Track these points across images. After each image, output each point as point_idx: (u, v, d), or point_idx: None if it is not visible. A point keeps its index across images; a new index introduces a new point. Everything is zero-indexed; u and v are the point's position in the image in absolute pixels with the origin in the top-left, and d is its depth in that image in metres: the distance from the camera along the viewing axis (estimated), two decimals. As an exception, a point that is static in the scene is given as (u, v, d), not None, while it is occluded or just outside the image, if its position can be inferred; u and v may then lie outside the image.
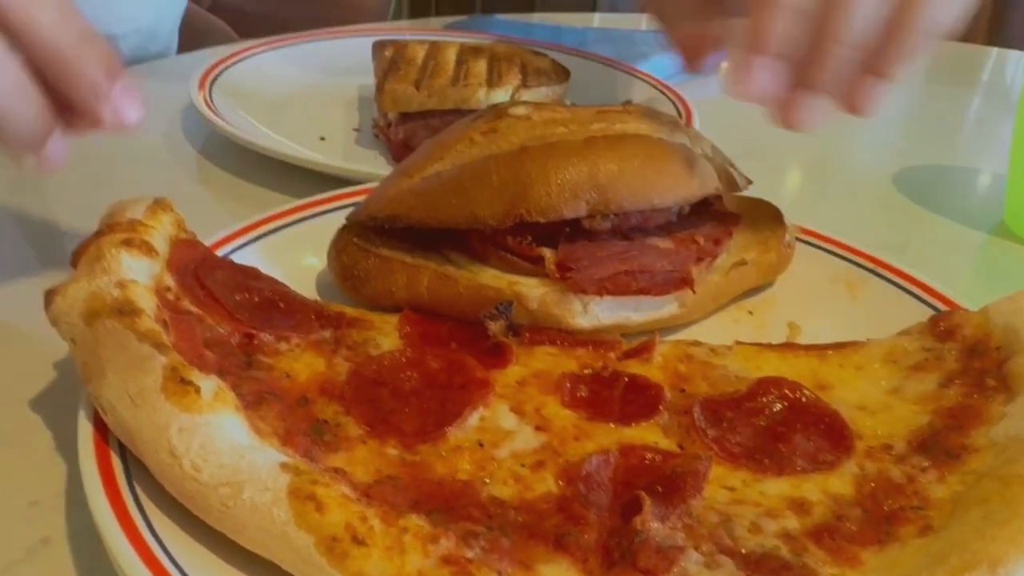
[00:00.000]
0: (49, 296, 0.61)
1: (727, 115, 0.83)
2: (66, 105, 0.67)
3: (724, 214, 0.82)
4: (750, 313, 0.82)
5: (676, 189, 0.72)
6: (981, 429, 0.61)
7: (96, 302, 0.59)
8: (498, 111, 0.78)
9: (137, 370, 0.55)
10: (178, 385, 0.54)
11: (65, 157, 0.75)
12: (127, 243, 0.64)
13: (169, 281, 0.66)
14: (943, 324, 0.71)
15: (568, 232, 0.71)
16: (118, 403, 0.54)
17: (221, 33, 1.79)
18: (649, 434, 0.63)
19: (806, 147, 1.36)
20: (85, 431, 0.56)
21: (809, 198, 1.22)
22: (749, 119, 0.77)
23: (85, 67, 0.65)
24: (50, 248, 0.87)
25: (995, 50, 1.99)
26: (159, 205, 0.70)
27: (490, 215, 0.70)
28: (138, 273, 0.63)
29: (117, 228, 0.65)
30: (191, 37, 1.65)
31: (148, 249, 0.65)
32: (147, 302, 0.61)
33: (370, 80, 1.20)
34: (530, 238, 0.72)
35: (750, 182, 0.81)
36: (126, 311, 0.58)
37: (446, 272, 0.73)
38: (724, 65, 0.87)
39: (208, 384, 0.55)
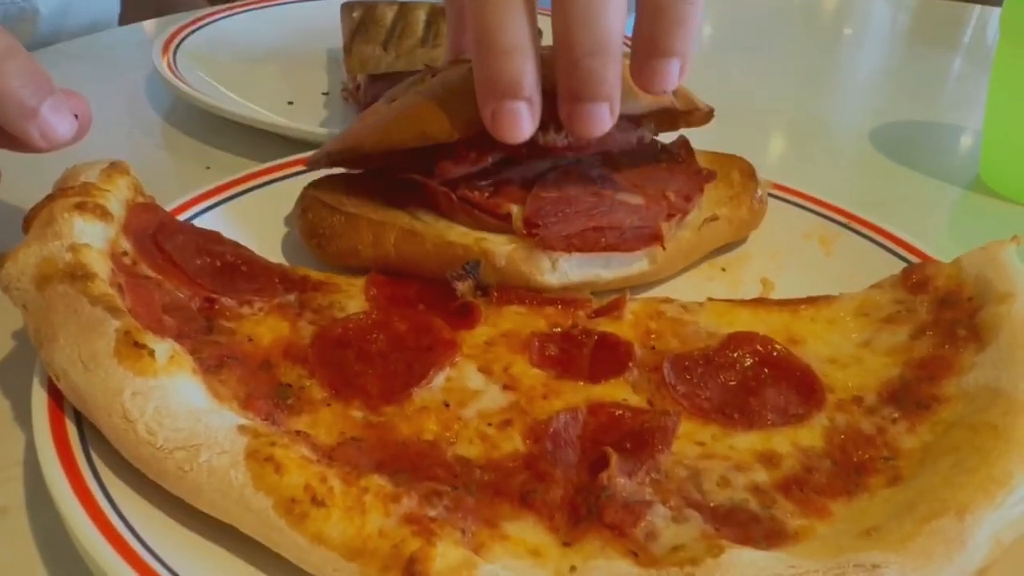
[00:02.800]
0: (0, 262, 0.59)
1: (702, 75, 0.81)
2: None
3: (696, 170, 0.81)
4: (723, 270, 0.81)
5: (630, 95, 0.69)
6: (952, 379, 0.60)
7: (47, 267, 0.58)
8: (455, 60, 0.77)
9: (89, 334, 0.53)
10: (131, 348, 0.52)
11: None
12: (80, 207, 0.62)
13: (125, 245, 0.64)
14: (915, 276, 0.70)
15: (525, 153, 0.70)
16: (71, 368, 0.53)
17: (193, 2, 1.75)
18: (619, 391, 0.62)
19: (783, 106, 1.34)
20: (39, 398, 0.55)
21: (786, 156, 1.21)
22: (726, 78, 0.76)
23: (7, 84, 0.62)
24: (3, 214, 0.84)
25: (977, 7, 1.97)
26: (115, 168, 0.68)
27: (439, 130, 0.68)
28: (92, 237, 0.61)
29: (70, 192, 0.63)
30: (162, 4, 1.62)
31: (102, 213, 0.63)
32: (101, 266, 0.59)
33: (339, 43, 1.18)
34: (494, 188, 0.70)
35: (711, 109, 0.79)
36: (78, 275, 0.57)
37: (413, 229, 0.71)
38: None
39: (163, 347, 0.53)
